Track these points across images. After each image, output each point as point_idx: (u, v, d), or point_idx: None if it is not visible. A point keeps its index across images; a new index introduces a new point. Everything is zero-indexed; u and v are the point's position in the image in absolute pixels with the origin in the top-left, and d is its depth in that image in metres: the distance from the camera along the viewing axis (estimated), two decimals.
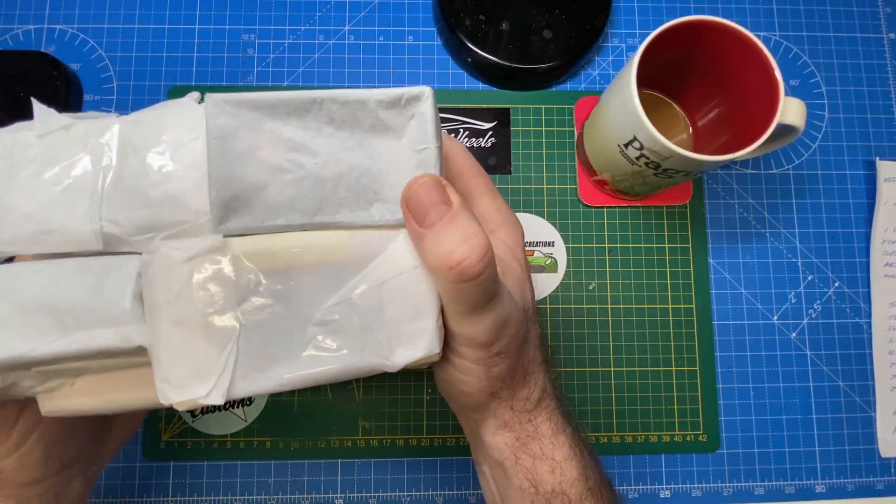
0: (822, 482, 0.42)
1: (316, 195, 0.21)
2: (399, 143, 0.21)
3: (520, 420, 0.25)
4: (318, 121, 0.21)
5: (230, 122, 0.20)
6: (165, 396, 0.19)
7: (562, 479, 0.25)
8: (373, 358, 0.21)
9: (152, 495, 0.40)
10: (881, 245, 0.44)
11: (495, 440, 0.26)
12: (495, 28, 0.44)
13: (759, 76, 0.34)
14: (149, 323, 0.20)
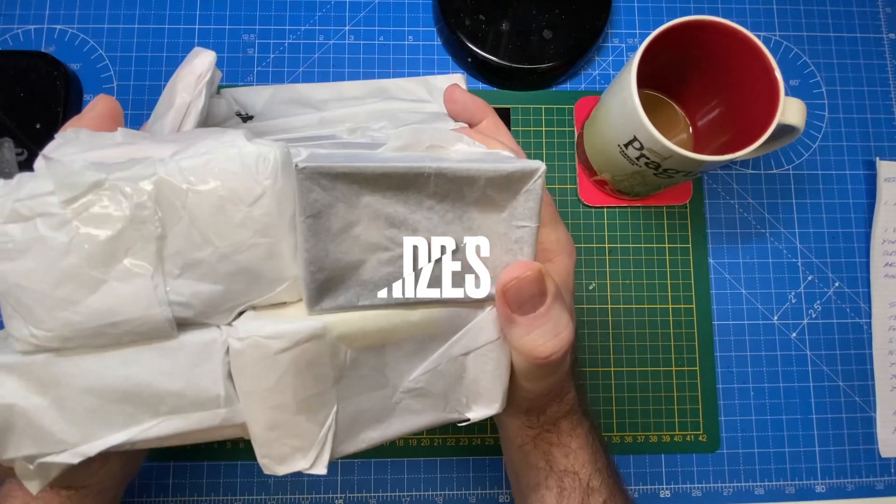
0: (822, 482, 0.42)
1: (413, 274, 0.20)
2: (500, 216, 0.20)
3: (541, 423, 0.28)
4: (421, 194, 0.19)
5: (325, 198, 0.18)
6: (270, 469, 0.20)
7: (574, 461, 0.28)
8: (451, 414, 0.22)
9: (152, 495, 0.40)
10: (881, 245, 0.44)
11: (519, 433, 0.28)
12: (495, 28, 0.44)
13: (759, 76, 0.34)
14: (244, 404, 0.19)
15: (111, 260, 0.17)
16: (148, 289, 0.17)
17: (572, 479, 0.28)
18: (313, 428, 0.19)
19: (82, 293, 0.17)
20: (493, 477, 0.41)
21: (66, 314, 0.17)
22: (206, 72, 0.23)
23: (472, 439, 0.41)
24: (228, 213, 0.17)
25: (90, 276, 0.17)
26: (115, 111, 0.22)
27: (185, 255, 0.18)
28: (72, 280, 0.17)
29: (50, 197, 0.17)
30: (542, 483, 0.28)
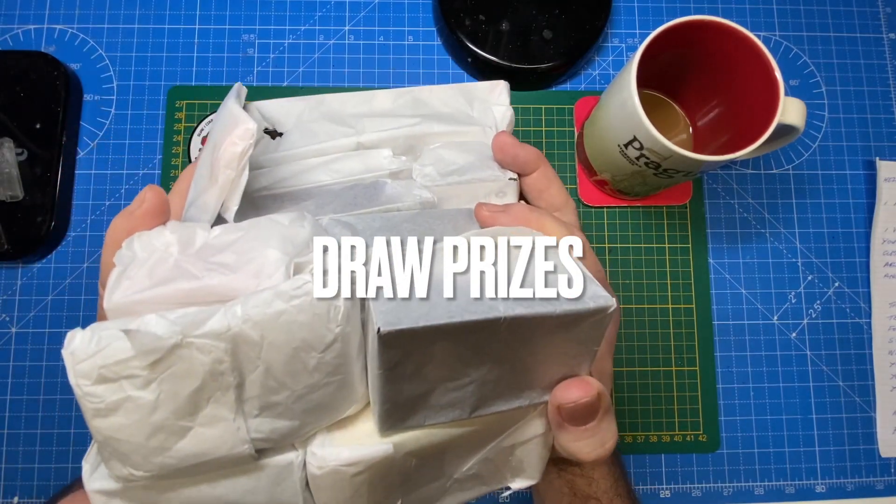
0: (822, 482, 0.42)
1: (478, 395, 0.21)
2: (565, 337, 0.20)
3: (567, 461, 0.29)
4: (492, 338, 0.19)
5: (401, 353, 0.18)
6: None
7: (596, 489, 0.29)
8: (494, 486, 0.24)
9: None
10: (881, 245, 0.44)
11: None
12: (495, 28, 0.44)
13: (759, 76, 0.34)
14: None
15: (195, 409, 0.18)
16: (231, 431, 0.19)
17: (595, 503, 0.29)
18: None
19: (172, 440, 0.18)
20: None
21: (159, 459, 0.19)
22: (248, 148, 0.22)
23: None
24: (302, 360, 0.19)
25: (178, 426, 0.18)
26: (163, 203, 0.22)
27: (262, 399, 0.19)
28: (161, 431, 0.18)
29: (132, 361, 0.17)
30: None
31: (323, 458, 0.20)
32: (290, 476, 0.21)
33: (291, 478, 0.21)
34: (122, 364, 0.17)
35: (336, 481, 0.20)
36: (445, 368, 0.19)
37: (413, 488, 0.22)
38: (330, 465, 0.20)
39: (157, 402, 0.18)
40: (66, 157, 0.42)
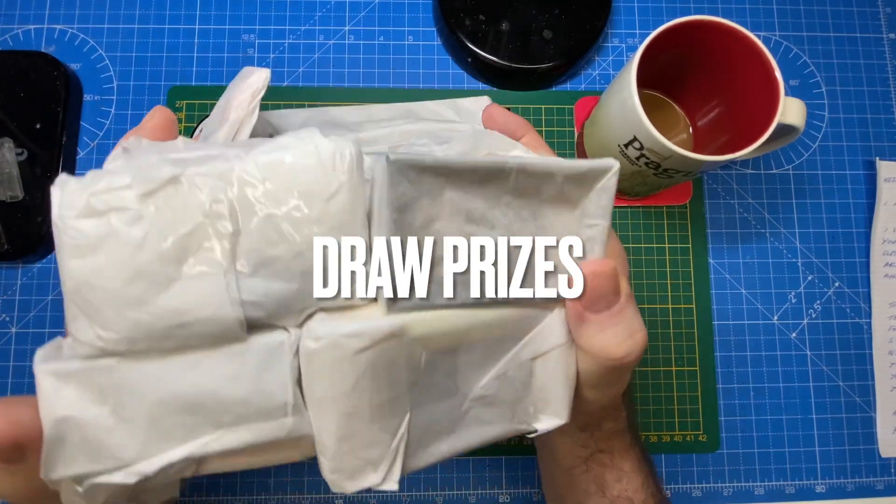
0: (822, 482, 0.42)
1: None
2: (572, 213, 0.21)
3: (596, 442, 0.27)
4: (500, 190, 0.19)
5: (412, 191, 0.18)
6: (338, 486, 0.19)
7: (627, 486, 0.27)
8: (519, 425, 0.22)
9: None
10: (881, 245, 0.44)
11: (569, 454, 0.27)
12: (495, 28, 0.44)
13: (759, 76, 0.34)
14: (313, 413, 0.18)
15: (184, 256, 0.17)
16: (220, 287, 0.17)
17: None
18: (386, 437, 0.19)
19: (153, 291, 0.16)
20: (493, 477, 0.41)
21: (135, 314, 0.16)
22: (260, 89, 0.23)
23: None
24: (304, 208, 0.17)
25: (163, 273, 0.16)
26: (172, 121, 0.21)
27: (258, 253, 0.17)
28: (143, 278, 0.16)
29: (126, 191, 0.16)
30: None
31: (322, 331, 0.18)
32: (280, 360, 0.18)
33: (281, 364, 0.18)
34: (114, 193, 0.16)
35: (336, 360, 0.17)
36: (455, 228, 0.19)
37: (423, 400, 0.19)
38: (329, 337, 0.17)
39: (143, 241, 0.16)
40: (66, 157, 0.42)
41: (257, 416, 0.18)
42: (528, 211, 0.20)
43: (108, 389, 0.17)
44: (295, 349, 0.18)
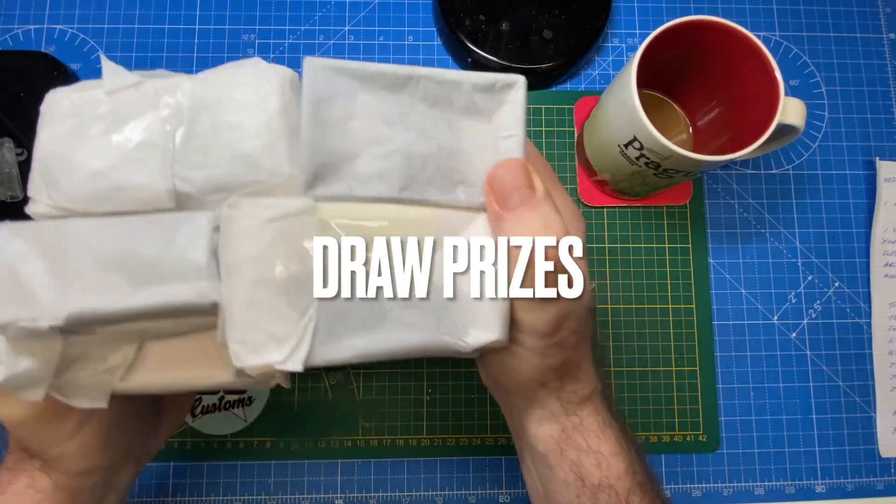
0: (822, 482, 0.42)
1: (405, 171, 0.21)
2: (487, 127, 0.22)
3: (566, 412, 0.25)
4: (413, 97, 0.21)
5: (328, 89, 0.20)
6: (241, 359, 0.19)
7: (608, 473, 0.25)
8: (447, 337, 0.21)
9: (152, 495, 0.40)
10: (881, 245, 0.44)
11: (540, 431, 0.26)
12: (495, 28, 0.44)
13: (759, 76, 0.34)
14: (224, 281, 0.19)
15: (134, 136, 0.19)
16: (157, 160, 0.19)
17: (608, 494, 0.25)
18: (293, 314, 0.19)
19: (102, 161, 0.19)
20: (493, 477, 0.41)
21: (81, 175, 0.19)
22: None
23: (472, 439, 0.41)
24: (241, 110, 0.20)
25: (112, 146, 0.19)
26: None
27: (195, 141, 0.20)
28: (94, 148, 0.19)
29: (98, 90, 0.20)
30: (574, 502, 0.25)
31: (238, 202, 0.19)
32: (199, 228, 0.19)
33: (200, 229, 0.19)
34: (89, 91, 0.20)
35: (247, 227, 0.19)
36: (370, 129, 0.20)
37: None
38: (244, 203, 0.19)
39: (102, 119, 0.20)
40: None
41: (172, 276, 0.19)
42: (443, 121, 0.21)
43: (49, 246, 0.19)
44: (216, 223, 0.19)
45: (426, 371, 0.42)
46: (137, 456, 0.28)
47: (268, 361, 0.18)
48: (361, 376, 0.41)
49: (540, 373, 0.24)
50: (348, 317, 0.20)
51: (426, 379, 0.42)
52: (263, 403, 0.41)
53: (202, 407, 0.40)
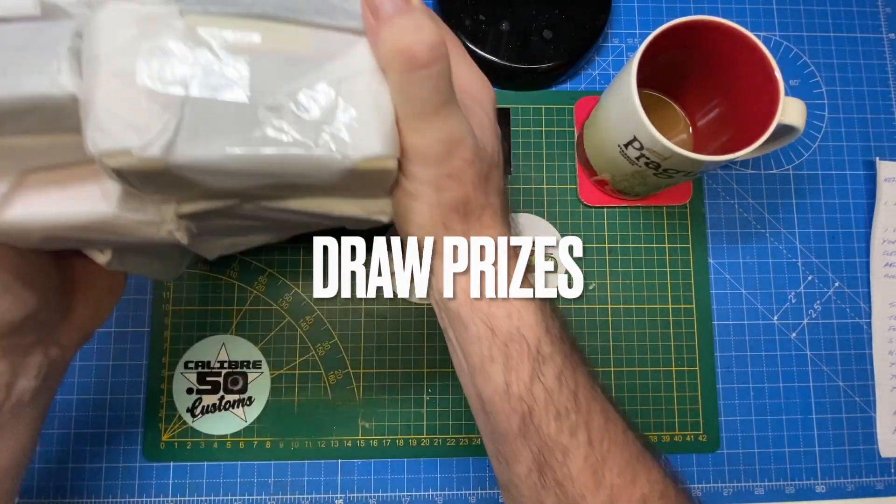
0: (822, 482, 0.42)
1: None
2: None
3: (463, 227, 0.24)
4: None
5: None
6: (95, 144, 0.18)
7: (519, 323, 0.24)
8: (326, 152, 0.19)
9: (152, 495, 0.40)
10: (881, 245, 0.44)
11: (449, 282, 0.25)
12: (495, 28, 0.44)
13: (759, 76, 0.34)
14: (85, 75, 0.18)
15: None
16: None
17: (519, 344, 0.24)
18: (155, 108, 0.18)
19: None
20: (493, 477, 0.41)
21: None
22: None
23: (472, 439, 0.41)
24: None
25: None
26: None
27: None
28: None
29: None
30: (486, 356, 0.24)
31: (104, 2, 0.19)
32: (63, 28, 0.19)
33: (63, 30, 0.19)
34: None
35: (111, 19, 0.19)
36: None
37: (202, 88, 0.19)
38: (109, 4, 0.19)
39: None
40: None
41: (31, 71, 0.18)
42: None
43: None
44: (80, 31, 0.19)
45: (426, 371, 0.42)
46: (46, 346, 0.27)
47: (125, 146, 0.18)
48: (362, 376, 0.41)
49: (438, 211, 0.23)
50: (217, 121, 0.19)
51: (426, 379, 0.42)
52: (263, 403, 0.41)
53: (202, 407, 0.40)
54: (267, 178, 0.20)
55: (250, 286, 0.42)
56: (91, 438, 0.40)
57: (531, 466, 0.24)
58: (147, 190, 0.21)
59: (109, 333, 0.41)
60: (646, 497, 0.24)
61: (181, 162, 0.18)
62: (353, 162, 0.20)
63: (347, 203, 0.24)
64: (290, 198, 0.23)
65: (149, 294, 0.42)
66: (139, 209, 0.22)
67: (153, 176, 0.19)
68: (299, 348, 0.41)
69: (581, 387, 0.24)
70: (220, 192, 0.22)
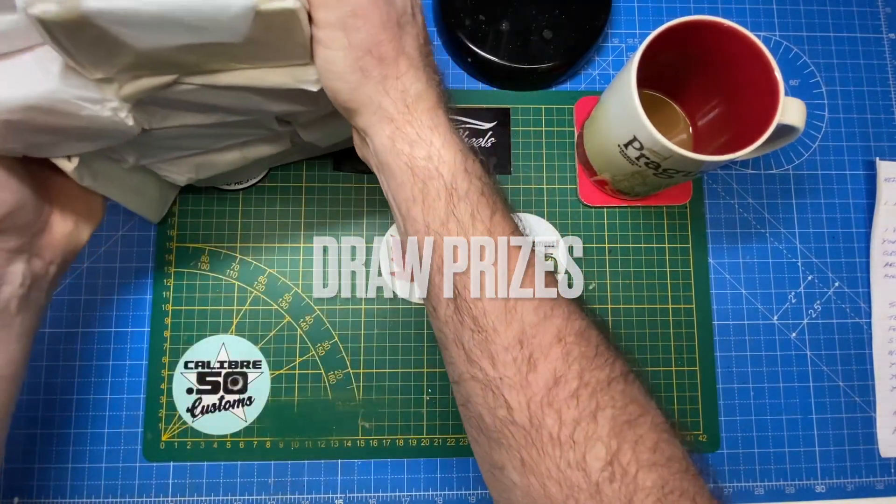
0: (822, 482, 0.42)
1: None
2: None
3: (397, 108, 0.25)
4: None
5: None
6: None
7: (439, 163, 0.25)
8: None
9: (152, 495, 0.40)
10: (881, 245, 0.44)
11: (380, 138, 0.26)
12: (495, 28, 0.44)
13: (759, 76, 0.34)
14: None
15: None
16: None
17: (437, 182, 0.25)
18: None
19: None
20: None
21: None
22: None
23: None
24: None
25: None
26: None
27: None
28: None
29: None
30: (409, 198, 0.25)
31: None
32: None
33: None
34: None
35: None
36: None
37: None
38: None
39: None
40: None
41: None
42: None
43: None
44: None
45: (426, 371, 0.42)
46: (29, 255, 0.29)
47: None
48: (362, 376, 0.41)
49: (353, 53, 0.24)
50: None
51: (426, 379, 0.42)
52: (263, 403, 0.41)
53: (202, 407, 0.40)
54: (180, 30, 0.21)
55: (250, 286, 0.42)
56: (91, 438, 0.40)
57: (448, 302, 0.25)
58: (78, 53, 0.22)
59: (109, 333, 0.41)
60: (560, 334, 0.24)
61: (96, 7, 0.20)
62: (254, 3, 0.21)
63: (274, 72, 0.25)
64: (218, 71, 0.25)
65: (149, 294, 0.42)
66: (80, 86, 0.23)
67: (77, 29, 0.21)
68: (299, 348, 0.41)
69: (498, 227, 0.25)
70: (146, 61, 0.23)
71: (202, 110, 0.29)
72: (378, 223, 0.43)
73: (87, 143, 0.28)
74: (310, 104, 0.30)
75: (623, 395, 0.24)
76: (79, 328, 0.41)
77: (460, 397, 0.26)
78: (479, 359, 0.24)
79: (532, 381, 0.23)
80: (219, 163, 0.36)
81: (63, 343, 0.41)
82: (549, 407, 0.23)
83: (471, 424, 0.26)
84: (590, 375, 0.23)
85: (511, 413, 0.23)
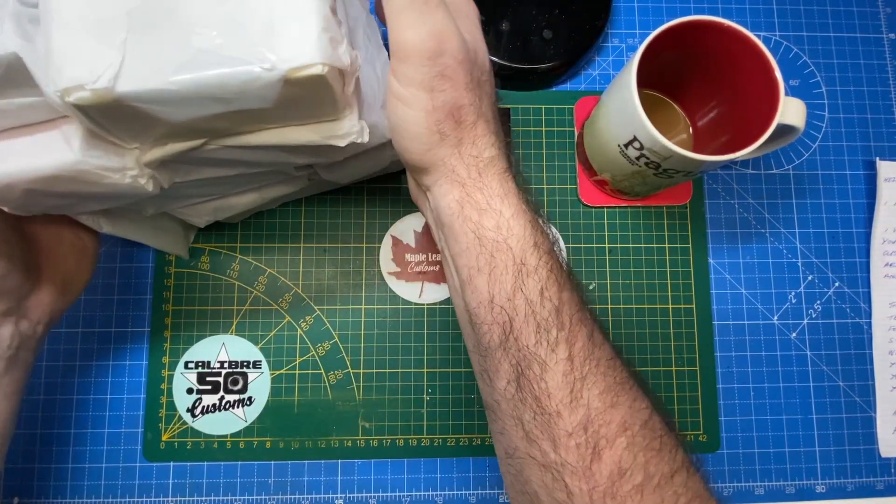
0: (822, 482, 0.42)
1: None
2: None
3: (469, 173, 0.25)
4: None
5: None
6: (53, 83, 0.20)
7: (508, 234, 0.24)
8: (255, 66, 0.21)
9: (152, 495, 0.40)
10: (881, 245, 0.44)
11: (446, 199, 0.25)
12: (495, 28, 0.44)
13: (759, 76, 0.34)
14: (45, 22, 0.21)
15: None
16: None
17: (505, 255, 0.24)
18: (103, 48, 0.20)
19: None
20: (493, 477, 0.41)
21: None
22: None
23: (472, 439, 0.41)
24: None
25: None
26: None
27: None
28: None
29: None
30: (473, 267, 0.24)
31: None
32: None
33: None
34: None
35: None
36: None
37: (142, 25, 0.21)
38: None
39: None
40: None
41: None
42: None
43: None
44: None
45: (426, 371, 0.42)
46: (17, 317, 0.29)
47: (78, 82, 0.20)
48: (362, 376, 0.41)
49: (434, 116, 0.23)
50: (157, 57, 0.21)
51: (426, 379, 0.42)
52: (263, 403, 0.41)
53: (202, 407, 0.40)
54: (211, 102, 0.22)
55: (250, 286, 0.42)
56: (91, 438, 0.40)
57: (510, 379, 0.24)
58: (114, 128, 0.22)
59: (109, 333, 0.41)
60: (626, 423, 0.23)
61: (128, 91, 0.20)
62: (282, 72, 0.21)
63: (302, 130, 0.25)
64: (246, 132, 0.25)
65: (149, 294, 0.42)
66: (102, 156, 0.23)
67: (110, 109, 0.21)
68: (299, 348, 0.41)
69: (566, 305, 0.24)
70: (179, 130, 0.23)
71: (225, 165, 0.28)
72: (378, 223, 0.43)
73: (107, 203, 0.28)
74: (335, 155, 0.29)
75: (686, 490, 0.23)
76: (79, 328, 0.41)
77: (513, 469, 0.25)
78: (539, 440, 0.23)
79: (596, 471, 0.22)
80: (237, 205, 0.36)
81: (63, 343, 0.41)
82: (612, 499, 0.22)
83: (524, 499, 0.25)
84: (655, 468, 0.22)
85: (571, 499, 0.22)
